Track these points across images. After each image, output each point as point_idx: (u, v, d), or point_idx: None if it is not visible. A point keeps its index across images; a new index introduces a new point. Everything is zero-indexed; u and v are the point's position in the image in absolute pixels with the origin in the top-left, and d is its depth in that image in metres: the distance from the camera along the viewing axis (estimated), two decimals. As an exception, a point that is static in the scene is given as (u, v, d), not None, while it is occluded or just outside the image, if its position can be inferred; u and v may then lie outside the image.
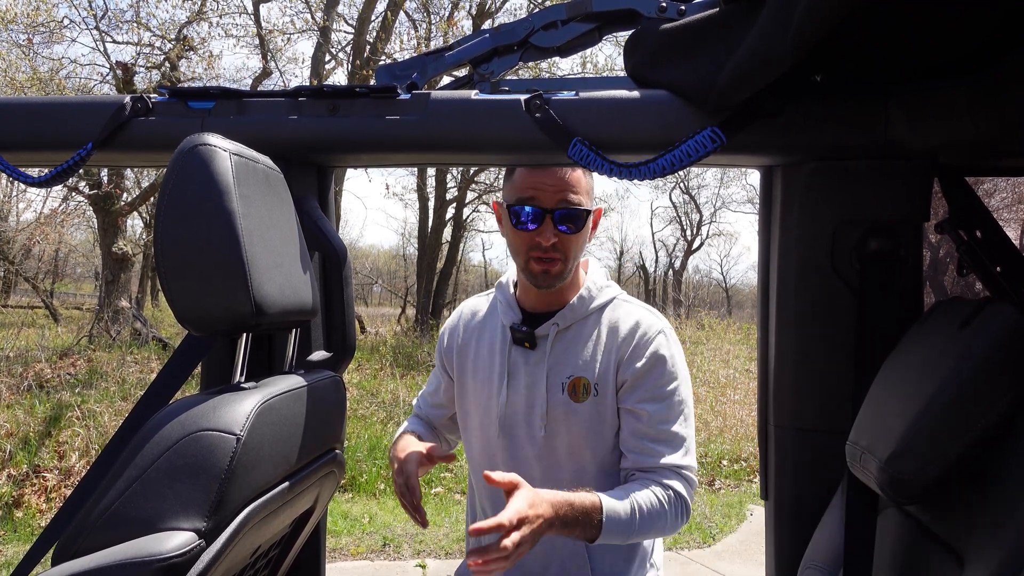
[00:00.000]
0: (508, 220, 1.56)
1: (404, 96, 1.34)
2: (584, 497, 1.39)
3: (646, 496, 1.46)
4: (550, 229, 1.50)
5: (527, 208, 1.51)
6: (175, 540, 0.86)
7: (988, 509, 0.89)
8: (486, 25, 11.76)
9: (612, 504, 1.41)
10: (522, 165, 1.54)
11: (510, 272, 1.77)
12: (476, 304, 1.80)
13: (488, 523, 1.21)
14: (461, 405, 1.75)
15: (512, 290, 1.72)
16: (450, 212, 15.70)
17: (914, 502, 0.99)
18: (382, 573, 4.42)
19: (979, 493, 0.92)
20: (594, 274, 1.69)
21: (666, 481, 1.51)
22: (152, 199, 10.83)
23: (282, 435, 1.07)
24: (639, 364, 1.56)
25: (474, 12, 12.54)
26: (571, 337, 1.62)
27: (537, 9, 1.49)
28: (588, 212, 1.55)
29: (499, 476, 1.30)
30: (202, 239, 0.98)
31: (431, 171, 14.57)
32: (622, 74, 1.41)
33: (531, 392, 1.61)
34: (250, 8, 12.08)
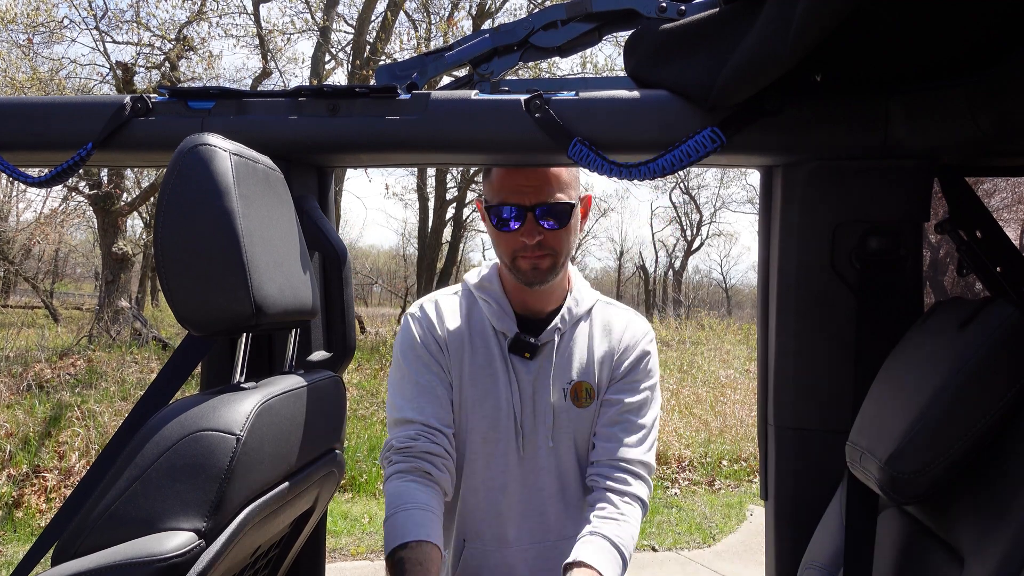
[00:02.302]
0: (489, 219, 1.50)
1: (404, 96, 1.34)
2: None
3: (623, 530, 1.47)
4: (534, 227, 1.45)
5: (507, 207, 1.45)
6: (175, 540, 0.86)
7: (988, 509, 0.89)
8: (486, 25, 11.76)
9: (611, 571, 1.40)
10: (522, 165, 1.50)
11: (485, 271, 1.64)
12: (447, 304, 1.63)
13: None
14: (459, 417, 1.61)
15: (500, 291, 1.60)
16: (450, 212, 15.71)
17: (914, 502, 0.99)
18: (382, 573, 4.42)
19: (979, 493, 0.92)
20: (575, 275, 1.66)
21: (629, 488, 1.53)
22: (152, 199, 10.83)
23: (282, 435, 1.07)
24: (627, 361, 1.60)
25: (474, 12, 12.54)
26: (569, 341, 1.60)
27: (537, 9, 1.49)
28: (572, 205, 1.48)
29: None
30: (202, 239, 0.98)
31: (431, 171, 14.58)
32: (622, 74, 1.41)
33: (536, 401, 1.57)
34: (250, 8, 12.10)
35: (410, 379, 1.57)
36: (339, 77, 13.29)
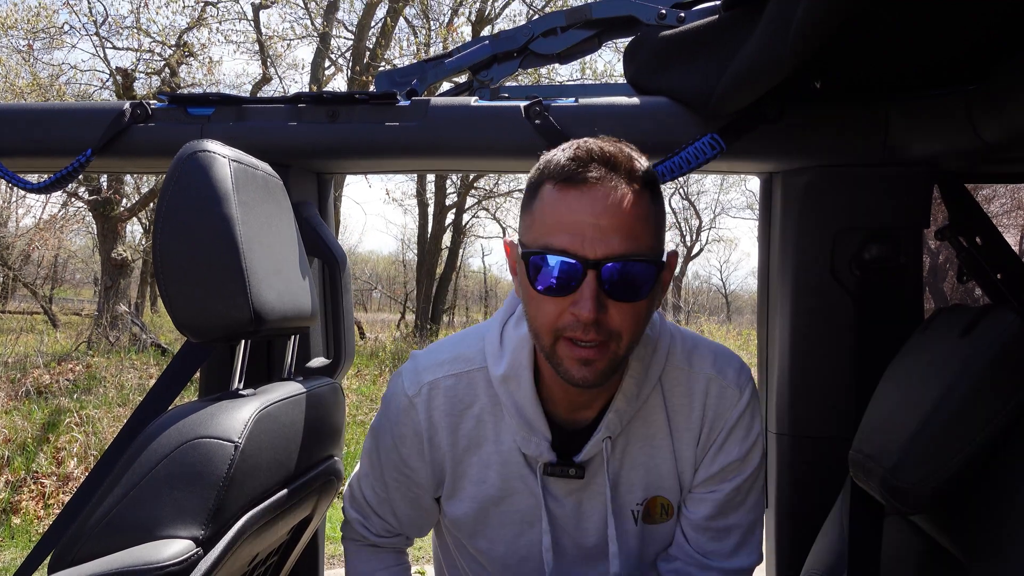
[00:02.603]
0: (525, 274, 0.98)
1: (404, 102, 1.34)
2: None
3: None
4: (593, 296, 0.93)
5: (556, 260, 0.94)
6: (172, 548, 0.86)
7: (992, 518, 0.89)
8: (485, 31, 11.81)
9: None
10: (522, 172, 1.49)
11: (512, 344, 1.11)
12: (451, 391, 1.14)
13: None
14: (459, 560, 1.26)
15: (530, 392, 1.09)
16: (449, 217, 15.72)
17: (918, 511, 0.99)
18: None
19: (983, 502, 0.91)
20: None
21: None
22: (151, 205, 10.83)
23: (280, 442, 1.06)
24: (717, 446, 1.14)
25: (473, 18, 12.56)
26: (630, 440, 1.14)
27: (537, 16, 1.49)
28: (660, 263, 0.97)
29: None
30: (201, 245, 0.98)
31: (431, 177, 14.60)
32: (622, 80, 1.41)
33: (587, 531, 1.17)
34: (250, 14, 12.12)
35: (384, 480, 1.21)
36: (339, 83, 13.32)
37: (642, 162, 0.98)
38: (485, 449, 1.15)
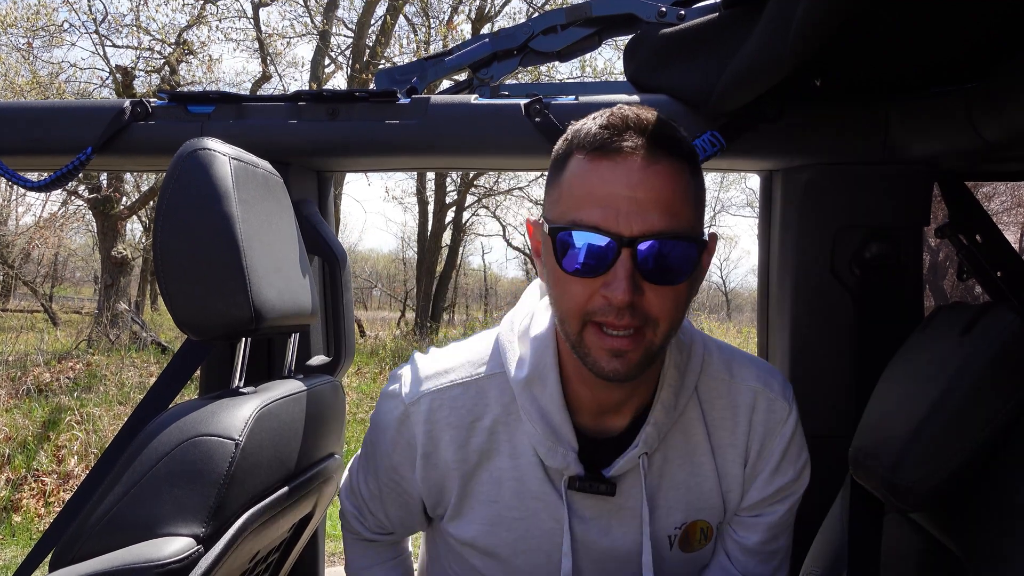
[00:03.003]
0: (552, 253, 0.88)
1: (404, 100, 1.34)
2: None
3: None
4: (628, 276, 0.83)
5: (586, 237, 0.84)
6: (173, 546, 0.86)
7: (992, 516, 0.89)
8: (485, 29, 11.79)
9: None
10: (522, 170, 1.49)
11: (533, 343, 1.00)
12: (458, 401, 1.03)
13: None
14: (480, 555, 1.09)
15: (558, 395, 0.98)
16: (449, 216, 15.71)
17: (918, 509, 0.99)
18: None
19: (983, 500, 0.91)
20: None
21: None
22: (151, 203, 10.83)
23: (281, 440, 1.06)
24: (767, 469, 1.05)
25: (473, 16, 12.55)
26: (669, 456, 1.03)
27: (537, 13, 1.48)
28: (700, 245, 0.88)
29: None
30: (201, 244, 0.98)
31: (431, 175, 14.59)
32: (622, 78, 1.41)
33: (615, 558, 1.04)
34: (250, 12, 12.11)
35: (377, 477, 1.11)
36: (339, 81, 13.31)
37: (681, 133, 0.89)
38: (497, 464, 1.02)
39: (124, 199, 10.87)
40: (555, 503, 1.01)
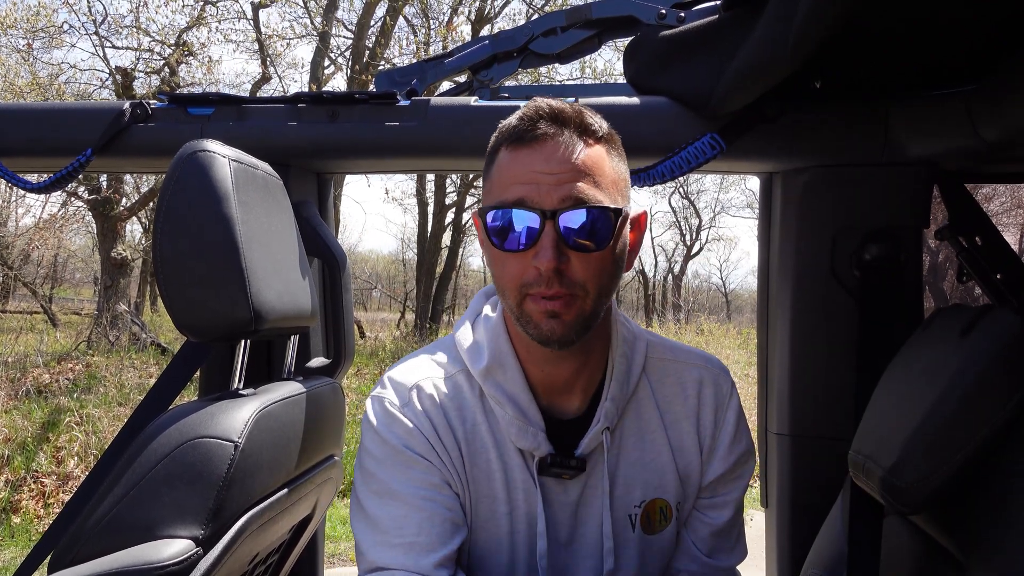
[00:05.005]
0: (486, 236, 0.96)
1: (403, 102, 1.34)
2: None
3: None
4: (553, 245, 0.90)
5: (513, 213, 0.92)
6: (172, 548, 0.86)
7: (990, 518, 0.89)
8: (485, 31, 11.80)
9: None
10: None
11: (486, 334, 1.06)
12: (439, 390, 1.05)
13: None
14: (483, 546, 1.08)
15: (519, 376, 1.03)
16: (449, 217, 15.72)
17: (917, 511, 0.99)
18: (381, 579, 4.40)
19: (982, 502, 0.91)
20: (615, 318, 1.09)
21: None
22: (151, 204, 10.83)
23: (280, 442, 1.06)
24: (722, 444, 1.11)
25: (473, 17, 12.56)
26: (624, 434, 1.08)
27: (537, 15, 1.48)
28: (618, 213, 0.94)
29: None
30: (201, 245, 0.98)
31: (430, 176, 14.60)
32: (622, 80, 1.41)
33: (584, 539, 1.08)
34: (249, 13, 12.12)
35: (391, 500, 1.00)
36: (338, 82, 13.32)
37: (596, 120, 0.97)
38: (485, 457, 1.04)
39: (124, 200, 10.87)
40: (531, 489, 1.05)
